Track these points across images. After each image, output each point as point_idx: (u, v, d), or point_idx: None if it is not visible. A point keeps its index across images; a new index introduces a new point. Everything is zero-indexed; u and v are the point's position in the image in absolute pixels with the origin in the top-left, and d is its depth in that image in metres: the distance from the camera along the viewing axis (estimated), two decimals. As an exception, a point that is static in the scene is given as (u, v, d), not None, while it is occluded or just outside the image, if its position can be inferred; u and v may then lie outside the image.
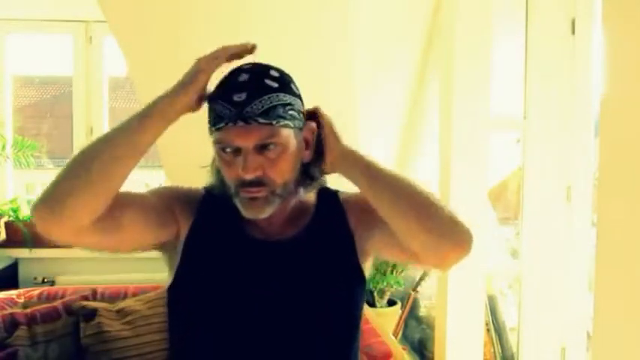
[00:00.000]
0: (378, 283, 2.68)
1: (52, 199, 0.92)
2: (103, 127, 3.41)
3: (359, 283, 1.13)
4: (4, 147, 3.20)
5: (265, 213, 1.04)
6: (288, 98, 1.02)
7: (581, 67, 2.06)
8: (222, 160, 1.03)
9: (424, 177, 2.75)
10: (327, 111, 1.16)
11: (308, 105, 1.12)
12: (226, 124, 0.99)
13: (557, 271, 2.11)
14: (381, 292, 2.78)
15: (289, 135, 1.03)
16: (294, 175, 1.07)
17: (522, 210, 2.14)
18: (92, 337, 2.49)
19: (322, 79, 2.24)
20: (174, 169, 2.58)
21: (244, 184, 1.01)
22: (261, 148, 1.00)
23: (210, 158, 1.15)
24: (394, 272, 2.74)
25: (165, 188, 1.17)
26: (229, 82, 1.03)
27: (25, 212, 3.32)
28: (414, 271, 2.84)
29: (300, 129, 1.06)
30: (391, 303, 2.84)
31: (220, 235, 1.11)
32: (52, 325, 2.48)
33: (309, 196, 1.17)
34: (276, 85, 1.02)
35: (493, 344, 2.49)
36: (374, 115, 2.50)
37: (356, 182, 1.07)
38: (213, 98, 1.03)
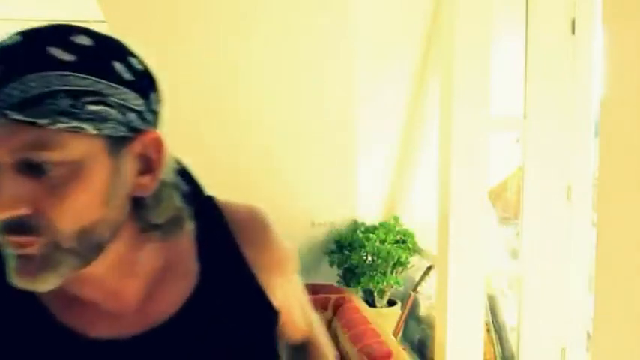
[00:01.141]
0: (378, 283, 2.68)
1: None
2: (103, 127, 3.42)
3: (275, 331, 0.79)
4: (4, 147, 3.21)
5: (44, 283, 0.59)
6: (90, 83, 0.57)
7: (581, 67, 2.06)
8: None
9: (424, 177, 2.75)
10: (327, 112, 1.04)
11: (311, 108, 0.78)
12: None
13: (557, 271, 2.11)
14: (381, 292, 2.78)
15: (92, 148, 0.58)
16: (111, 217, 0.62)
17: (522, 210, 2.14)
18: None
19: (322, 79, 2.25)
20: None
21: (8, 228, 0.58)
22: (33, 168, 0.57)
23: (211, 159, 1.09)
24: (394, 272, 2.74)
25: None
26: None
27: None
28: (414, 271, 2.84)
29: (124, 139, 0.61)
30: (391, 303, 2.84)
31: (47, 351, 0.64)
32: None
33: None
34: (71, 57, 0.57)
35: (493, 344, 2.49)
36: (374, 115, 2.50)
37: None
38: None
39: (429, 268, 2.62)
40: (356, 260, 2.68)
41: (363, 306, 2.34)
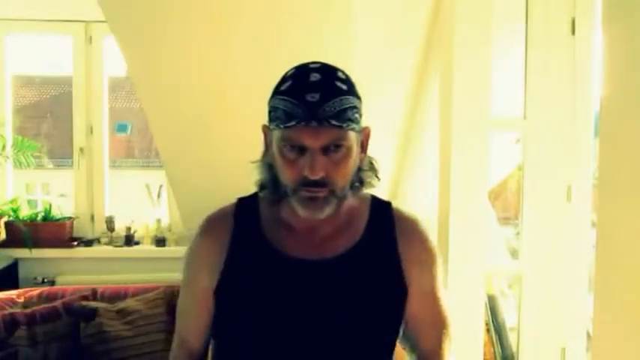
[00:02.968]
0: (378, 283, 2.67)
1: None
2: (103, 127, 3.42)
3: (403, 307, 1.15)
4: (4, 147, 3.21)
5: (324, 213, 1.05)
6: (354, 101, 1.05)
7: (581, 67, 2.06)
8: (285, 158, 1.05)
9: (424, 178, 2.75)
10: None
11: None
12: (298, 122, 1.00)
13: (557, 271, 2.11)
14: (381, 292, 2.77)
15: (354, 138, 1.06)
16: (351, 177, 1.10)
17: (522, 210, 2.13)
18: (92, 337, 2.49)
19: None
20: (175, 169, 2.58)
21: (306, 184, 1.03)
22: (326, 150, 1.02)
23: (211, 159, 1.15)
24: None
25: (190, 270, 1.20)
26: (301, 81, 1.04)
27: (25, 212, 3.31)
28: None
29: (361, 132, 1.10)
30: (391, 303, 2.83)
31: (261, 260, 1.11)
32: (52, 325, 2.48)
33: (360, 204, 1.18)
34: (345, 87, 1.04)
35: (493, 344, 2.49)
36: (373, 115, 2.49)
37: None
38: (281, 95, 1.04)
39: (429, 268, 2.61)
40: (356, 260, 2.67)
41: (363, 306, 2.33)
